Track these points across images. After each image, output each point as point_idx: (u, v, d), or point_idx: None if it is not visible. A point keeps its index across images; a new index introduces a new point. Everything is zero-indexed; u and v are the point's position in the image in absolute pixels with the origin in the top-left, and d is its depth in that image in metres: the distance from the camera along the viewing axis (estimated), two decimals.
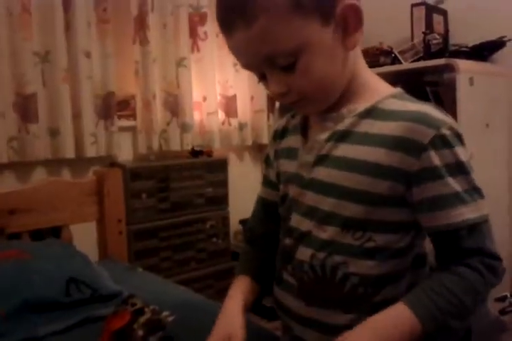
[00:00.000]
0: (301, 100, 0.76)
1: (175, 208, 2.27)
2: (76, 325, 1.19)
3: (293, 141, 0.88)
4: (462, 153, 0.73)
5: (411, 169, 0.72)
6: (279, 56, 0.71)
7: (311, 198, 0.80)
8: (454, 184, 0.72)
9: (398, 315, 0.69)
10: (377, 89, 0.80)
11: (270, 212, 0.95)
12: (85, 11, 2.10)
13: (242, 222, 2.65)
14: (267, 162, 0.99)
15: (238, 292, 0.92)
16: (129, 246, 2.05)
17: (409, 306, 0.69)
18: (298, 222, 0.83)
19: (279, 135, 0.94)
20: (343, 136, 0.77)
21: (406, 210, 0.76)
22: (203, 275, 2.36)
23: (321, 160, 0.79)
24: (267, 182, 0.98)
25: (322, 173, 0.79)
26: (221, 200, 2.45)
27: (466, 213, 0.72)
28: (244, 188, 2.75)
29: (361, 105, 0.77)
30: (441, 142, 0.71)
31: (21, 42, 1.94)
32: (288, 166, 0.87)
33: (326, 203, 0.78)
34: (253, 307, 0.93)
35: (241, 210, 2.65)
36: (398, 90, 0.80)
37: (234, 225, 2.60)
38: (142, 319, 1.03)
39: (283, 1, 0.68)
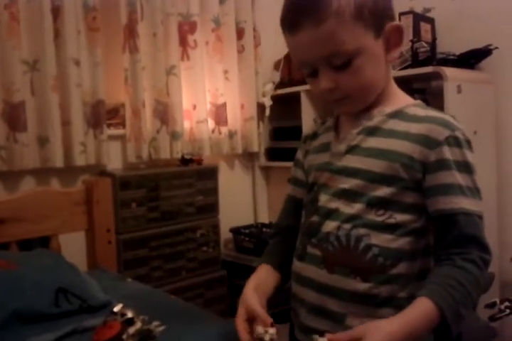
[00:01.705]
0: (345, 98, 0.89)
1: (165, 217, 2.26)
2: (65, 336, 1.18)
3: (326, 137, 1.00)
4: (469, 156, 0.87)
5: (427, 160, 0.85)
6: (337, 56, 0.83)
7: (341, 181, 0.91)
8: (459, 178, 0.84)
9: (426, 311, 0.78)
10: (402, 98, 0.96)
11: (298, 208, 1.05)
12: (74, 20, 2.10)
13: (233, 230, 2.65)
14: (295, 164, 1.10)
15: (254, 278, 1.01)
16: (119, 255, 2.03)
17: (434, 301, 0.78)
18: (326, 201, 0.93)
19: (310, 137, 1.07)
20: (372, 131, 0.91)
21: (421, 195, 0.88)
22: (194, 285, 2.35)
23: (352, 149, 0.92)
24: (295, 181, 1.10)
25: (352, 160, 0.91)
26: (211, 208, 2.44)
27: (465, 204, 0.84)
28: (235, 196, 2.75)
29: (389, 108, 0.92)
30: (454, 141, 0.85)
31: (10, 50, 1.93)
32: (320, 158, 0.98)
33: (355, 185, 0.89)
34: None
35: (231, 218, 2.65)
36: (419, 101, 0.95)
37: (224, 233, 2.59)
38: (132, 329, 1.02)
39: (349, 10, 0.81)
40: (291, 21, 0.86)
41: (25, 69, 2.00)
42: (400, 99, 0.94)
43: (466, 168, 0.85)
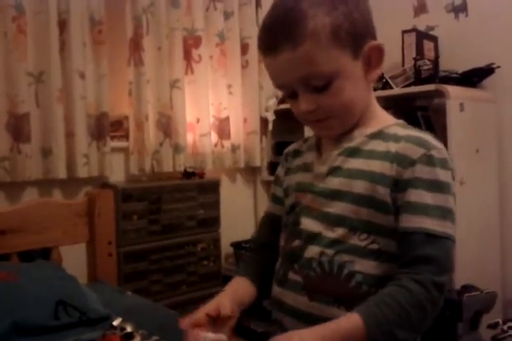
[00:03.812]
0: (326, 119, 0.88)
1: (166, 230, 2.25)
2: None
3: (308, 157, 0.98)
4: (443, 175, 0.83)
5: (401, 178, 0.84)
6: (315, 77, 0.83)
7: (323, 203, 0.90)
8: (427, 197, 0.81)
9: (351, 325, 0.76)
10: (383, 118, 0.94)
11: (276, 225, 1.04)
12: (80, 32, 2.12)
13: (234, 244, 2.64)
14: (275, 181, 1.08)
15: (229, 288, 0.99)
16: (119, 268, 2.02)
17: (360, 313, 0.76)
18: (308, 224, 0.91)
19: (291, 155, 1.05)
20: (353, 152, 0.90)
21: None
22: (194, 299, 2.33)
23: (334, 171, 0.90)
24: (274, 199, 1.08)
25: (334, 182, 0.89)
26: (213, 222, 2.44)
27: (427, 223, 0.80)
28: (236, 210, 2.75)
29: (370, 129, 0.90)
30: (427, 160, 0.83)
31: (16, 62, 1.95)
32: (301, 178, 0.97)
33: (337, 207, 0.87)
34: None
35: (233, 232, 2.64)
36: (401, 121, 0.94)
37: (225, 248, 2.58)
38: None
39: (325, 33, 0.81)
40: (268, 44, 0.85)
41: (30, 81, 2.01)
42: (382, 119, 0.93)
43: (437, 187, 0.82)
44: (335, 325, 0.76)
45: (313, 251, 0.88)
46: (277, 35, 0.83)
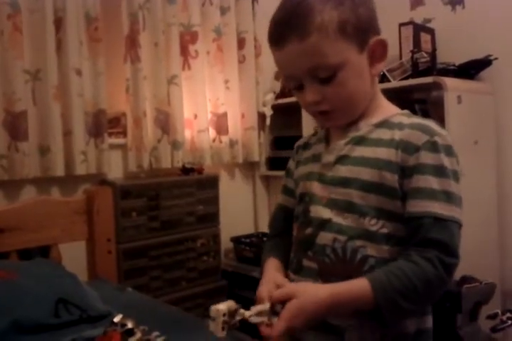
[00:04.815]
0: (331, 111, 0.91)
1: (165, 226, 2.25)
2: None
3: (317, 148, 1.02)
4: (447, 161, 0.86)
5: (407, 165, 0.86)
6: (321, 69, 0.86)
7: (331, 191, 0.92)
8: (433, 182, 0.84)
9: (359, 290, 0.81)
10: (389, 108, 0.97)
11: (288, 216, 1.07)
12: (77, 30, 2.11)
13: (234, 239, 2.64)
14: (287, 173, 1.11)
15: (272, 266, 1.00)
16: (119, 265, 2.03)
17: (369, 279, 0.81)
18: (318, 212, 0.93)
19: (302, 148, 1.09)
20: (359, 141, 0.92)
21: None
22: (194, 295, 2.34)
23: (341, 159, 0.93)
24: (286, 190, 1.11)
25: (342, 170, 0.92)
26: (212, 218, 2.44)
27: (434, 207, 0.83)
28: (235, 205, 2.75)
29: (375, 119, 0.93)
30: (431, 146, 0.86)
31: (12, 60, 1.95)
32: (311, 168, 1.00)
33: (345, 194, 0.90)
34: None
35: (232, 227, 2.65)
36: (406, 111, 0.97)
37: (225, 243, 2.59)
38: (132, 340, 1.02)
39: (332, 26, 0.84)
40: (277, 36, 0.89)
41: (27, 79, 2.01)
42: (387, 110, 0.96)
43: (442, 172, 0.85)
44: (344, 285, 0.82)
45: (325, 237, 0.91)
46: (286, 28, 0.86)
